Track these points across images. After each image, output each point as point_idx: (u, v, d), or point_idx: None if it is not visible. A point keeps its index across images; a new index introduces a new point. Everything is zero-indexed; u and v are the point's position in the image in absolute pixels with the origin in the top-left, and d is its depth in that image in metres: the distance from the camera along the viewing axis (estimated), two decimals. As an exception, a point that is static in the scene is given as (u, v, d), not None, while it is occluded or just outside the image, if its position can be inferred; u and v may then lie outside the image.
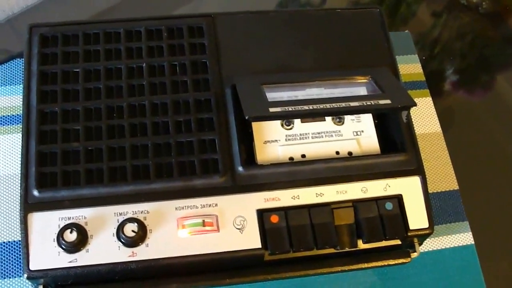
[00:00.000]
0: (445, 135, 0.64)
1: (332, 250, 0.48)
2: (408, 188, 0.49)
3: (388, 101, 0.48)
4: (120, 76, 0.50)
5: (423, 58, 0.71)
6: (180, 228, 0.46)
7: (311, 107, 0.46)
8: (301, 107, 0.46)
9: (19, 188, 0.46)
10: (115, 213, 0.46)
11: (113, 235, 0.45)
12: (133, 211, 0.46)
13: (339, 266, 0.48)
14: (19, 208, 0.45)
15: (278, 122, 0.51)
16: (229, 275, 0.47)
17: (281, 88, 0.51)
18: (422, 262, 0.56)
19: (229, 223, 0.47)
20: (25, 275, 0.44)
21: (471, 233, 0.58)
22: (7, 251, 0.53)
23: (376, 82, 0.51)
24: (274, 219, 0.47)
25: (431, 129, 0.64)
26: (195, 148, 0.48)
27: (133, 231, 0.45)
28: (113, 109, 0.49)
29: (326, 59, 0.53)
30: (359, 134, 0.52)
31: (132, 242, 0.45)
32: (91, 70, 0.50)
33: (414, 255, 0.50)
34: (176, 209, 0.46)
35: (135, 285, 0.46)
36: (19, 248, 0.53)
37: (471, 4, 0.79)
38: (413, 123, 0.52)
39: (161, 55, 0.51)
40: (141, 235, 0.45)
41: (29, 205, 0.45)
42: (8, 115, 0.59)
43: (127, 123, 0.48)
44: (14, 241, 0.53)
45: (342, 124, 0.52)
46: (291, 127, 0.51)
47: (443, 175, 0.61)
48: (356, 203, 0.48)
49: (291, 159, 0.50)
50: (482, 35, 0.78)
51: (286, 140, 0.50)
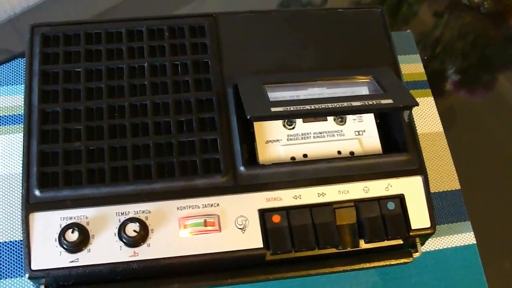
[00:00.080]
0: (447, 134, 0.64)
1: (334, 250, 0.48)
2: (410, 188, 0.49)
3: (390, 101, 0.48)
4: (122, 75, 0.50)
5: (425, 58, 0.71)
6: (181, 228, 0.46)
7: (313, 107, 0.46)
8: (303, 106, 0.46)
9: (21, 188, 0.46)
10: (116, 213, 0.46)
11: (115, 235, 0.45)
12: (134, 211, 0.46)
13: (341, 266, 0.48)
14: (20, 208, 0.45)
15: (280, 122, 0.51)
16: (230, 275, 0.47)
17: (283, 88, 0.51)
18: (424, 262, 0.56)
19: (231, 223, 0.46)
20: (27, 275, 0.44)
21: (473, 233, 0.58)
22: (8, 251, 0.53)
23: (378, 81, 0.51)
24: (276, 219, 0.47)
25: (433, 129, 0.64)
26: (196, 148, 0.48)
27: (134, 231, 0.45)
28: (114, 108, 0.49)
29: (328, 58, 0.53)
30: (361, 134, 0.52)
31: (133, 242, 0.45)
32: (92, 70, 0.50)
33: (416, 255, 0.50)
34: (178, 209, 0.46)
35: (137, 285, 0.46)
36: (21, 248, 0.53)
37: (473, 4, 0.79)
38: (415, 123, 0.52)
39: (162, 54, 0.51)
40: (143, 235, 0.45)
41: (30, 205, 0.45)
42: (9, 115, 0.59)
43: (128, 122, 0.48)
44: (16, 241, 0.53)
45: (344, 124, 0.52)
46: (293, 126, 0.51)
47: (445, 175, 0.61)
48: (358, 203, 0.48)
49: (292, 158, 0.50)
50: (483, 35, 0.78)
51: (288, 139, 0.50)
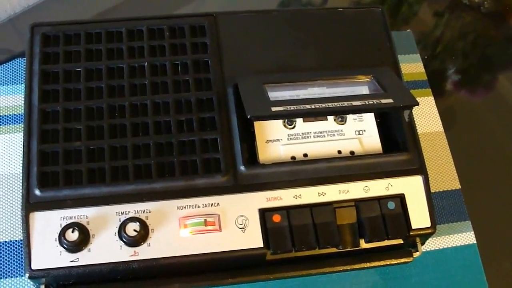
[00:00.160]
0: (447, 134, 0.64)
1: (334, 250, 0.48)
2: (410, 188, 0.49)
3: (390, 101, 0.48)
4: (122, 75, 0.50)
5: (425, 57, 0.71)
6: (182, 228, 0.46)
7: (313, 106, 0.46)
8: (303, 106, 0.46)
9: (21, 187, 0.46)
10: (117, 212, 0.46)
11: (115, 235, 0.45)
12: (135, 211, 0.46)
13: (341, 266, 0.48)
14: (20, 207, 0.45)
15: (280, 122, 0.51)
16: (231, 274, 0.47)
17: (283, 88, 0.51)
18: (424, 261, 0.56)
19: (231, 223, 0.46)
20: (27, 275, 0.44)
21: (473, 232, 0.58)
22: (8, 250, 0.53)
23: (378, 81, 0.51)
24: (276, 218, 0.47)
25: (433, 129, 0.64)
26: (197, 147, 0.48)
27: (135, 230, 0.45)
28: (115, 108, 0.49)
29: (328, 58, 0.53)
30: (361, 134, 0.52)
31: (134, 242, 0.45)
32: (93, 70, 0.50)
33: (416, 254, 0.50)
34: (178, 208, 0.46)
35: (137, 285, 0.46)
36: (21, 247, 0.53)
37: (473, 3, 0.79)
38: (415, 122, 0.52)
39: (163, 54, 0.51)
40: (143, 234, 0.45)
41: (30, 205, 0.45)
42: (10, 115, 0.59)
43: (129, 122, 0.48)
44: (16, 240, 0.53)
45: (344, 124, 0.52)
46: (293, 126, 0.51)
47: (445, 174, 0.61)
48: (358, 203, 0.48)
49: (293, 158, 0.50)
50: (484, 34, 0.78)
51: (288, 139, 0.50)
